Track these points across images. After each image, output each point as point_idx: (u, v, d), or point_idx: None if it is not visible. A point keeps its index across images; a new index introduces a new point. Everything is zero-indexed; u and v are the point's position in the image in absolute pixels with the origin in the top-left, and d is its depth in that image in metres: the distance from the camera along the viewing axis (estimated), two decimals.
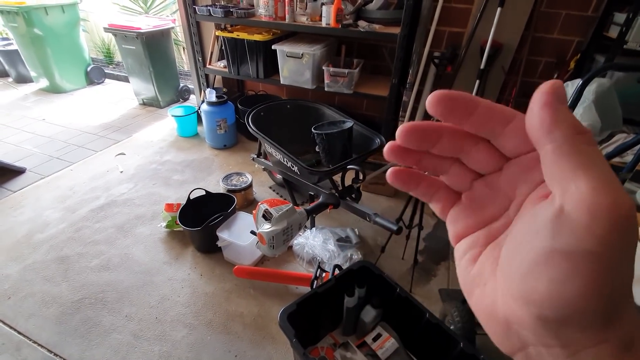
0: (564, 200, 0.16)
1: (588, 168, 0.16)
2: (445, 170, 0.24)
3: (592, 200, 0.15)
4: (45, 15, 3.31)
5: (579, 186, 0.16)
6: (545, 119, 0.17)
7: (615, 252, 0.15)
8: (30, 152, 2.64)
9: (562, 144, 0.17)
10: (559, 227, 0.16)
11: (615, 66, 1.15)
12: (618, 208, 0.15)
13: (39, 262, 1.72)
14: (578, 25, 2.06)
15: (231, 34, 2.38)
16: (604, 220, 0.15)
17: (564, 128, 0.17)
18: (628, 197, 0.15)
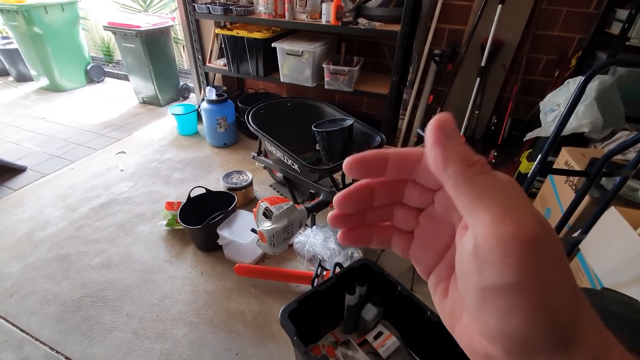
0: (475, 234, 0.16)
1: (484, 199, 0.16)
2: (390, 215, 0.25)
3: (495, 233, 0.15)
4: (45, 13, 3.31)
5: (481, 220, 0.16)
6: (437, 158, 0.18)
7: (537, 275, 0.15)
8: (31, 151, 2.64)
9: (456, 179, 0.17)
10: (480, 264, 0.16)
11: (618, 62, 1.14)
12: (521, 233, 0.15)
13: (40, 260, 1.72)
14: (579, 22, 2.05)
15: (231, 31, 2.38)
16: (512, 249, 0.15)
17: (455, 163, 0.17)
18: (531, 216, 0.16)
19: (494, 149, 2.32)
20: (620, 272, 1.11)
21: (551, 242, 0.16)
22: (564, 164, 1.63)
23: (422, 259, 0.24)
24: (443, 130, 0.18)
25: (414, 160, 0.21)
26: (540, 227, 0.15)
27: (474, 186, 0.17)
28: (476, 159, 0.18)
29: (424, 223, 0.24)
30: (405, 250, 0.25)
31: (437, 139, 0.18)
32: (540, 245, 0.15)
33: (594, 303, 0.61)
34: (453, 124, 0.18)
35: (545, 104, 1.81)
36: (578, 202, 1.06)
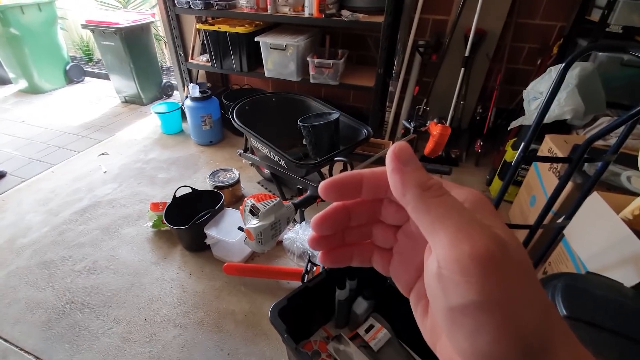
0: (437, 256, 0.17)
1: (442, 221, 0.17)
2: (369, 234, 0.25)
3: (454, 254, 0.16)
4: (22, 14, 3.19)
5: (440, 241, 0.16)
6: (396, 184, 0.19)
7: (500, 293, 0.15)
8: (10, 155, 2.56)
9: (415, 203, 0.18)
10: (444, 285, 0.16)
11: (597, 47, 1.15)
12: (479, 251, 0.15)
13: (22, 267, 1.67)
14: (560, 10, 2.07)
15: (212, 26, 2.33)
16: (471, 269, 0.15)
17: (412, 188, 0.18)
18: (486, 235, 0.16)
19: (480, 139, 2.34)
20: (604, 256, 1.13)
21: (511, 259, 0.16)
22: (547, 151, 1.65)
23: (402, 277, 0.24)
24: (400, 158, 0.19)
25: (386, 181, 0.22)
26: (496, 244, 0.16)
27: (430, 209, 0.17)
28: (431, 182, 0.18)
29: (401, 240, 0.24)
30: (386, 268, 0.25)
31: (395, 166, 0.19)
32: (498, 263, 0.15)
33: (579, 287, 0.61)
34: (410, 152, 0.19)
35: (529, 92, 1.82)
36: (561, 188, 1.07)
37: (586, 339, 0.78)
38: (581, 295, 0.88)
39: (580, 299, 0.87)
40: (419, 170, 0.19)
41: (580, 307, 0.85)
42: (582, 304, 0.85)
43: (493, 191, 2.16)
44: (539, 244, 1.42)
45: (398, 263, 0.24)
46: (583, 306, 0.85)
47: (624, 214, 1.12)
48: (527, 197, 1.79)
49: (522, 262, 0.16)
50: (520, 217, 1.84)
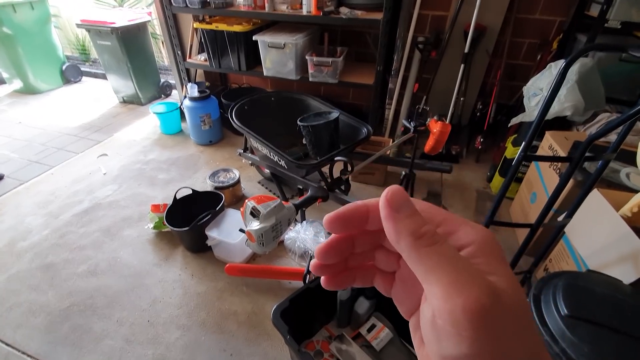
0: (432, 305, 0.17)
1: (435, 272, 0.17)
2: (372, 257, 0.25)
3: (447, 307, 0.16)
4: (14, 12, 3.16)
5: (434, 292, 0.16)
6: (389, 232, 0.19)
7: (492, 346, 0.15)
8: (8, 158, 2.55)
9: (408, 253, 0.18)
10: (438, 334, 0.17)
11: (596, 47, 1.15)
12: (470, 305, 0.15)
13: (23, 270, 1.67)
14: (560, 5, 2.06)
15: (210, 25, 2.31)
16: (464, 322, 0.15)
17: (405, 237, 0.18)
18: (481, 285, 0.16)
19: (480, 135, 2.34)
20: (604, 253, 1.14)
21: (504, 309, 0.16)
22: (547, 148, 1.65)
23: (403, 302, 0.24)
24: (392, 204, 0.19)
25: None
26: (488, 296, 0.16)
27: (423, 259, 0.17)
28: (424, 230, 0.18)
29: (404, 268, 0.23)
30: (387, 290, 0.25)
31: (387, 214, 0.19)
32: (491, 317, 0.15)
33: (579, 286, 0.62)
34: (402, 197, 0.19)
35: (529, 88, 1.82)
36: (562, 187, 1.07)
37: (586, 336, 0.79)
38: (581, 293, 0.89)
39: (580, 298, 0.87)
40: (412, 216, 0.19)
41: (581, 305, 0.85)
42: (583, 302, 0.86)
43: (494, 187, 2.17)
44: (540, 241, 1.42)
45: (400, 289, 0.24)
46: (583, 304, 0.86)
47: (623, 211, 1.13)
48: (527, 194, 1.79)
49: (516, 310, 0.16)
50: (521, 214, 1.84)
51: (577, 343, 0.79)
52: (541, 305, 0.91)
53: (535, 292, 0.94)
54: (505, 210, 2.01)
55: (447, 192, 2.17)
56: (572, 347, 0.79)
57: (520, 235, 1.77)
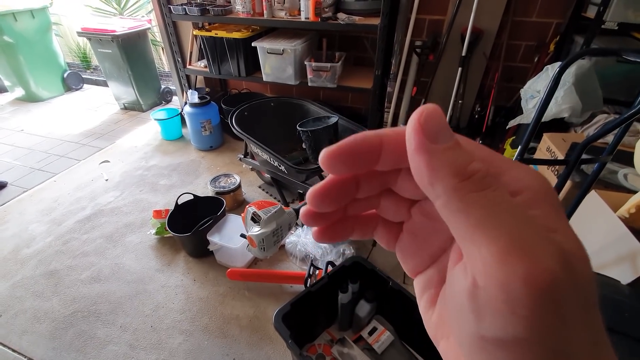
0: (473, 271, 0.13)
1: (487, 227, 0.13)
2: (377, 204, 0.20)
3: (501, 275, 0.12)
4: (14, 21, 3.20)
5: (482, 254, 0.12)
6: (421, 170, 0.14)
7: (554, 333, 0.12)
8: (11, 165, 2.58)
9: (448, 199, 0.14)
10: (479, 310, 0.13)
11: (590, 52, 1.16)
12: (535, 278, 0.11)
13: (27, 277, 1.68)
14: (556, 7, 2.07)
15: (209, 32, 2.33)
16: (522, 297, 0.12)
17: (444, 178, 0.14)
18: (551, 252, 0.12)
19: (479, 137, 2.35)
20: (603, 254, 1.15)
21: (576, 289, 0.12)
22: (545, 150, 1.66)
23: (410, 258, 0.20)
24: (427, 130, 0.14)
25: None
26: (563, 268, 0.12)
27: (471, 209, 0.13)
28: (474, 168, 0.14)
29: (416, 218, 0.19)
30: (391, 244, 0.21)
31: (420, 144, 0.14)
32: (559, 296, 0.12)
33: None
34: (440, 119, 0.14)
35: (526, 90, 1.83)
36: (559, 188, 1.08)
37: None
38: None
39: None
40: (454, 148, 0.14)
41: None
42: None
43: None
44: None
45: (407, 243, 0.20)
46: None
47: (621, 212, 1.13)
48: None
49: (587, 287, 0.13)
50: None
51: None
52: None
53: None
54: None
55: None
56: None
57: None
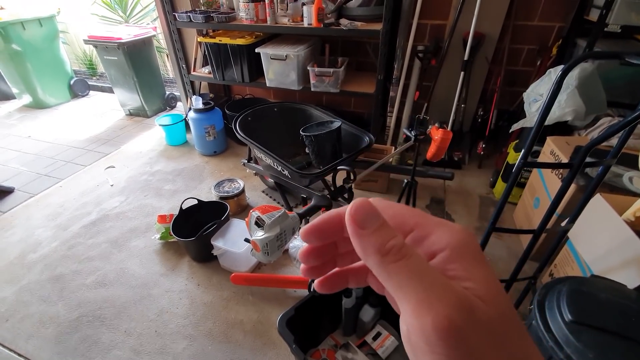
0: (405, 322, 0.16)
1: (403, 289, 0.16)
2: (357, 259, 0.24)
3: (417, 325, 0.15)
4: (23, 30, 3.25)
5: (405, 310, 0.16)
6: (357, 250, 0.18)
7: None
8: (18, 171, 2.61)
9: (377, 270, 0.18)
10: (413, 349, 0.16)
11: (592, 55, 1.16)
12: (440, 323, 0.15)
13: (33, 282, 1.70)
14: (558, 11, 2.08)
15: (213, 39, 2.36)
16: (435, 340, 0.15)
17: (371, 255, 0.18)
18: (451, 300, 0.15)
19: (482, 141, 2.35)
20: (608, 258, 1.14)
21: (478, 324, 0.15)
22: (549, 153, 1.65)
23: (393, 303, 0.23)
24: (357, 221, 0.18)
25: None
26: (460, 311, 0.15)
27: (392, 276, 0.17)
28: (390, 245, 0.17)
29: None
30: (381, 289, 0.25)
31: (353, 231, 0.18)
32: (462, 333, 0.15)
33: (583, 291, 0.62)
34: (367, 210, 0.18)
35: (529, 94, 1.83)
36: (563, 192, 1.07)
37: (591, 342, 0.79)
38: (586, 299, 0.89)
39: (584, 303, 0.87)
40: (378, 231, 0.18)
41: (585, 311, 0.85)
42: (587, 308, 0.86)
43: (497, 193, 2.17)
44: (544, 246, 1.43)
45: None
46: (588, 310, 0.86)
47: (626, 215, 1.13)
48: (530, 199, 1.79)
49: (493, 321, 0.16)
50: (525, 219, 1.84)
51: (582, 349, 0.79)
52: (545, 311, 0.91)
53: (539, 298, 0.95)
54: (509, 216, 2.01)
55: (450, 198, 2.17)
56: (576, 353, 0.79)
57: (525, 241, 1.77)
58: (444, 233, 0.19)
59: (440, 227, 0.19)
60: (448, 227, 0.19)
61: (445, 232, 0.19)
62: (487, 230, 1.18)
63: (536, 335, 0.89)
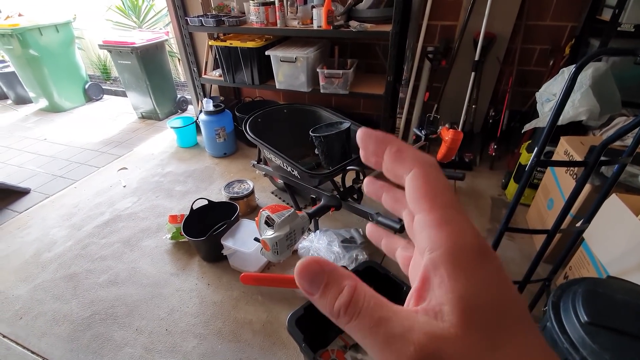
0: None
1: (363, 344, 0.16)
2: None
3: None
4: (40, 35, 3.35)
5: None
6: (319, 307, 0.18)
7: None
8: (34, 172, 2.67)
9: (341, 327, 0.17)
10: None
11: (605, 52, 1.14)
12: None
13: (48, 280, 1.73)
14: (571, 10, 2.05)
15: (224, 42, 2.40)
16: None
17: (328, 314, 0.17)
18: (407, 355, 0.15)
19: (494, 142, 2.32)
20: (625, 259, 1.11)
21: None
22: (563, 154, 1.63)
23: (413, 282, 0.22)
24: (302, 287, 0.18)
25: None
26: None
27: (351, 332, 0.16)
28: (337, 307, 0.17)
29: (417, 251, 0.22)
30: (405, 268, 0.25)
31: (305, 292, 0.18)
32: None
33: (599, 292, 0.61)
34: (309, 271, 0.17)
35: (542, 94, 1.81)
36: (578, 192, 1.05)
37: (607, 344, 0.77)
38: (602, 300, 0.87)
39: (600, 304, 0.85)
40: (323, 293, 0.17)
41: (601, 312, 0.83)
42: (603, 309, 0.84)
43: (509, 194, 2.14)
44: (559, 248, 1.40)
45: (411, 269, 0.23)
46: (604, 311, 0.84)
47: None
48: (544, 200, 1.76)
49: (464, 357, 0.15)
50: (538, 221, 1.81)
51: (598, 351, 0.77)
52: (560, 312, 0.89)
53: (553, 299, 0.93)
54: (522, 217, 1.98)
55: (461, 199, 2.15)
56: (592, 355, 0.77)
57: (538, 242, 1.74)
58: (431, 233, 0.17)
59: (427, 230, 0.17)
60: (437, 223, 0.17)
61: (431, 234, 0.17)
62: (500, 230, 1.17)
63: (551, 337, 0.87)
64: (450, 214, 0.17)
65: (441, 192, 0.18)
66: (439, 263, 0.16)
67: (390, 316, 0.16)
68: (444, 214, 0.17)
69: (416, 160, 0.19)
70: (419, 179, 0.19)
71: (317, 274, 0.17)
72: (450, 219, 0.17)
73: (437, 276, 0.16)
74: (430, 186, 0.18)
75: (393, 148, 0.20)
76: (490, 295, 0.15)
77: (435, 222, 0.17)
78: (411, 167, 0.19)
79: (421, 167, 0.19)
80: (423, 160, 0.19)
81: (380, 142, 0.20)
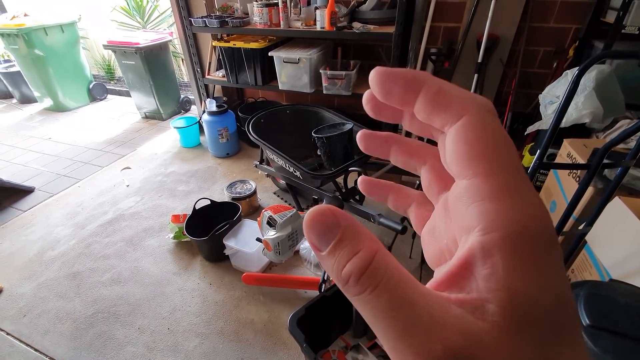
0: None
1: (372, 325, 0.13)
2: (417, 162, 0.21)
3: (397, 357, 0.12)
4: (45, 35, 3.38)
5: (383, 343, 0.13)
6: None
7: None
8: (38, 171, 2.69)
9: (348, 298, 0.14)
10: None
11: (608, 55, 1.14)
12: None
13: (51, 279, 1.74)
14: (575, 12, 2.05)
15: (228, 43, 2.41)
16: None
17: (334, 279, 0.14)
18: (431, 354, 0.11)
19: None
20: (628, 262, 1.10)
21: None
22: (566, 156, 1.62)
23: (427, 247, 0.19)
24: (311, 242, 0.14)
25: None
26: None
27: (359, 307, 0.13)
28: (346, 273, 0.13)
29: (438, 208, 0.19)
30: (419, 226, 0.21)
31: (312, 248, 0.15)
32: None
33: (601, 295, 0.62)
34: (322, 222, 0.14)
35: (545, 96, 1.81)
36: (580, 194, 1.05)
37: (609, 347, 0.77)
38: (604, 303, 0.87)
39: (603, 308, 0.85)
40: (333, 250, 0.14)
41: (603, 315, 0.83)
42: (605, 313, 0.84)
43: None
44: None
45: (427, 231, 0.19)
46: (606, 314, 0.83)
47: None
48: (547, 203, 1.76)
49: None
50: None
51: (600, 354, 0.77)
52: None
53: None
54: None
55: None
56: (594, 358, 0.77)
57: None
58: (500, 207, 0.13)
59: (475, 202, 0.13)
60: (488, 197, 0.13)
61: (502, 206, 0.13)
62: None
63: None
64: (514, 182, 0.13)
65: (504, 150, 0.14)
66: (494, 250, 0.12)
67: (416, 300, 0.12)
68: (507, 180, 0.13)
69: (467, 104, 0.14)
70: (473, 130, 0.14)
71: (330, 227, 0.14)
72: (514, 189, 0.13)
73: (488, 266, 0.12)
74: (488, 141, 0.14)
75: (432, 88, 0.15)
76: (549, 297, 0.12)
77: (494, 192, 0.13)
78: (461, 114, 0.14)
79: (475, 114, 0.14)
80: (477, 104, 0.14)
81: (411, 81, 0.15)
